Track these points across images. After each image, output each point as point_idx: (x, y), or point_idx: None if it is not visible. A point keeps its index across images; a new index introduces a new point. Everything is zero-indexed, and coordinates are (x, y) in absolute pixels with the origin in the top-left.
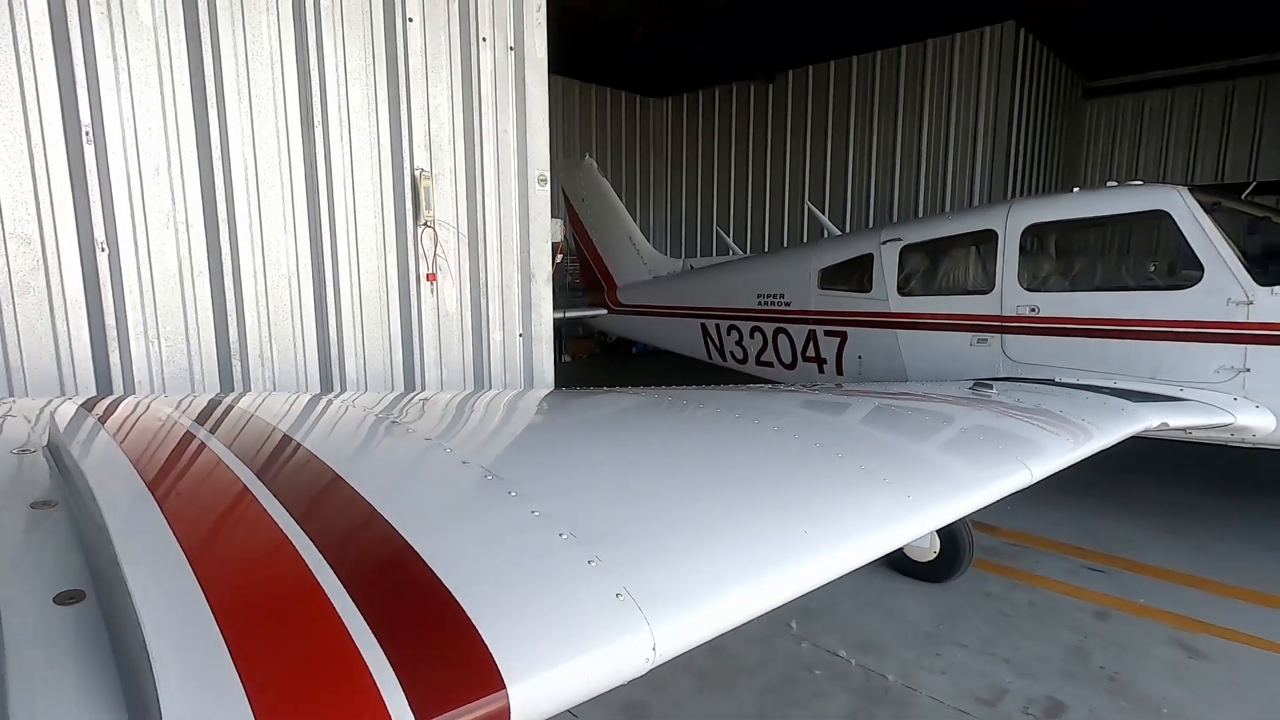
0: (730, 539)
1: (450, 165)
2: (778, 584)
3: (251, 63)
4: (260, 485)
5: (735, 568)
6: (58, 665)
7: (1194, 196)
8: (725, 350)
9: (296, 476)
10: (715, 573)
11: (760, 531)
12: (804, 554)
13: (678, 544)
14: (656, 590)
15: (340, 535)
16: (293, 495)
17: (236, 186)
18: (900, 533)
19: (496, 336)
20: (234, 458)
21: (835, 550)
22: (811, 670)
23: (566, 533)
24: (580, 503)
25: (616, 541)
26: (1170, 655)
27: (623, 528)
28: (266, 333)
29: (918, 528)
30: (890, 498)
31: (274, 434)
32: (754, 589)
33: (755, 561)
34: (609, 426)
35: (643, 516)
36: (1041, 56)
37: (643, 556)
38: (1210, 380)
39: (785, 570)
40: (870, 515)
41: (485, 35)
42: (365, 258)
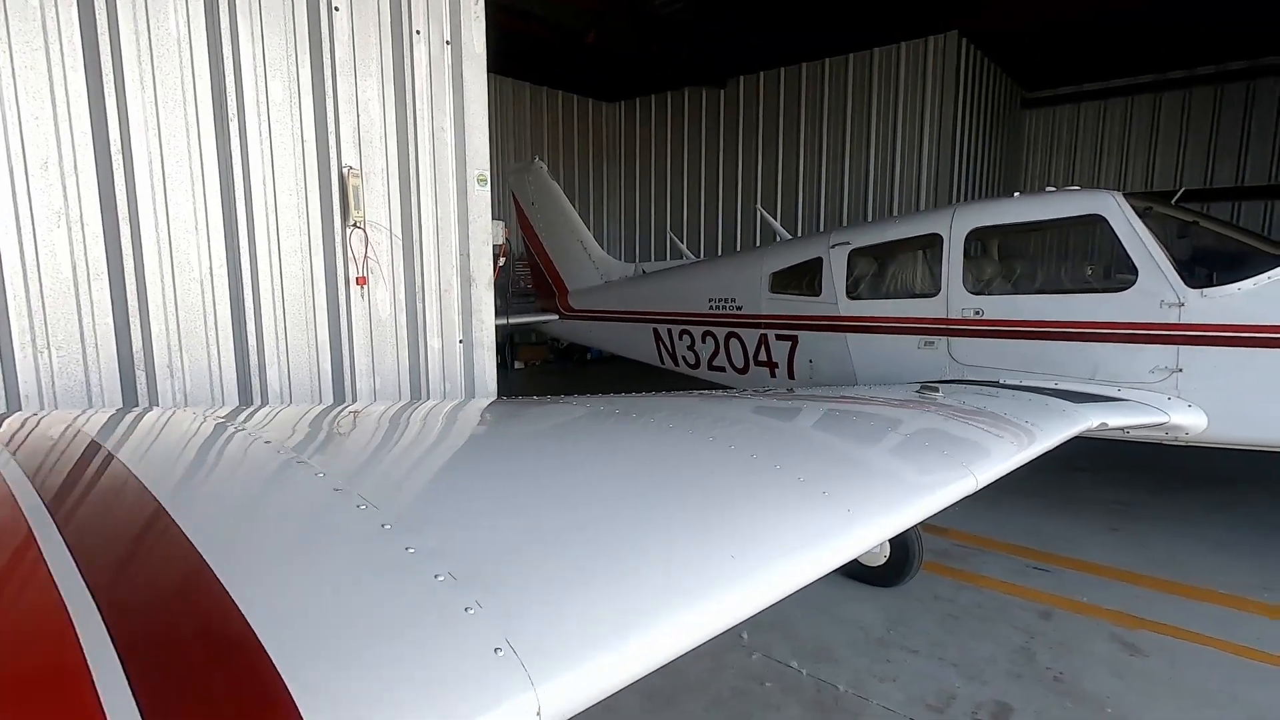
0: (643, 573)
1: (382, 163)
2: (696, 621)
3: (156, 49)
4: (48, 522)
5: (645, 607)
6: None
7: (1128, 201)
8: (677, 355)
9: (99, 511)
10: (620, 615)
11: (679, 561)
12: (729, 583)
13: (577, 583)
14: (546, 642)
15: (138, 590)
16: (85, 537)
17: (140, 183)
18: (840, 551)
19: (435, 343)
20: (28, 486)
21: (765, 576)
22: (762, 683)
23: (445, 573)
24: (467, 536)
25: (504, 583)
26: (1111, 652)
27: (514, 565)
28: (175, 341)
29: (858, 545)
30: (829, 512)
31: (87, 456)
32: (666, 630)
33: (670, 598)
34: (521, 444)
35: (540, 551)
36: (983, 67)
37: (533, 600)
38: (1146, 380)
39: (705, 604)
40: (807, 533)
41: (419, 28)
42: (289, 260)
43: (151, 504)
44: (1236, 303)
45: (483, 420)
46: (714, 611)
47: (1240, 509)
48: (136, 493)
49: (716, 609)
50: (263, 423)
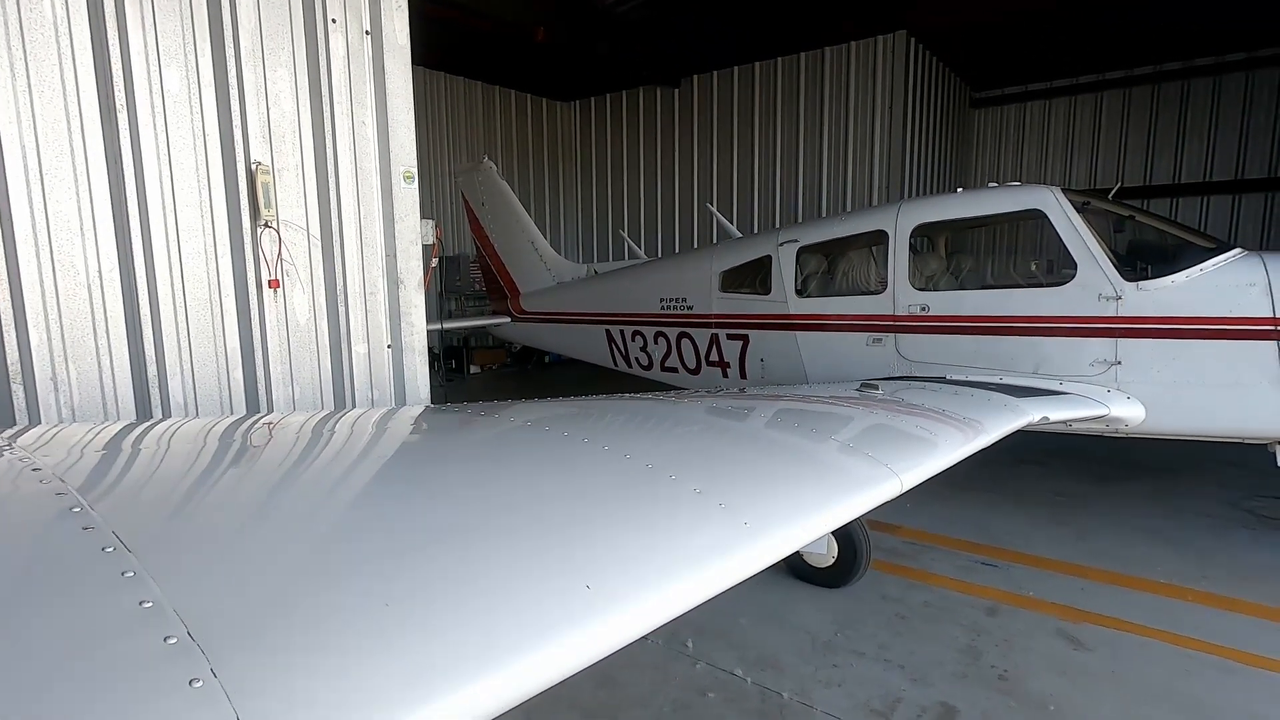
0: (458, 617)
1: (296, 159)
2: (519, 675)
3: (28, 34)
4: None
5: (446, 664)
6: None
7: (1066, 196)
8: (630, 356)
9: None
10: (407, 682)
11: (513, 600)
12: (574, 622)
13: (355, 641)
14: (316, 704)
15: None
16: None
17: (11, 178)
18: (730, 572)
19: (360, 349)
20: None
21: (626, 607)
22: (705, 694)
23: (180, 635)
24: (232, 585)
25: (255, 645)
26: (1055, 648)
27: (280, 619)
28: (59, 351)
29: (755, 562)
30: (723, 527)
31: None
32: (469, 693)
33: (484, 649)
34: (364, 464)
35: (321, 598)
36: (932, 67)
37: (289, 667)
38: (1086, 373)
39: (538, 650)
40: (690, 551)
41: (335, 16)
42: (191, 262)
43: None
44: (1171, 295)
45: (329, 437)
46: (552, 658)
47: (1177, 498)
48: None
49: (554, 654)
50: (38, 439)
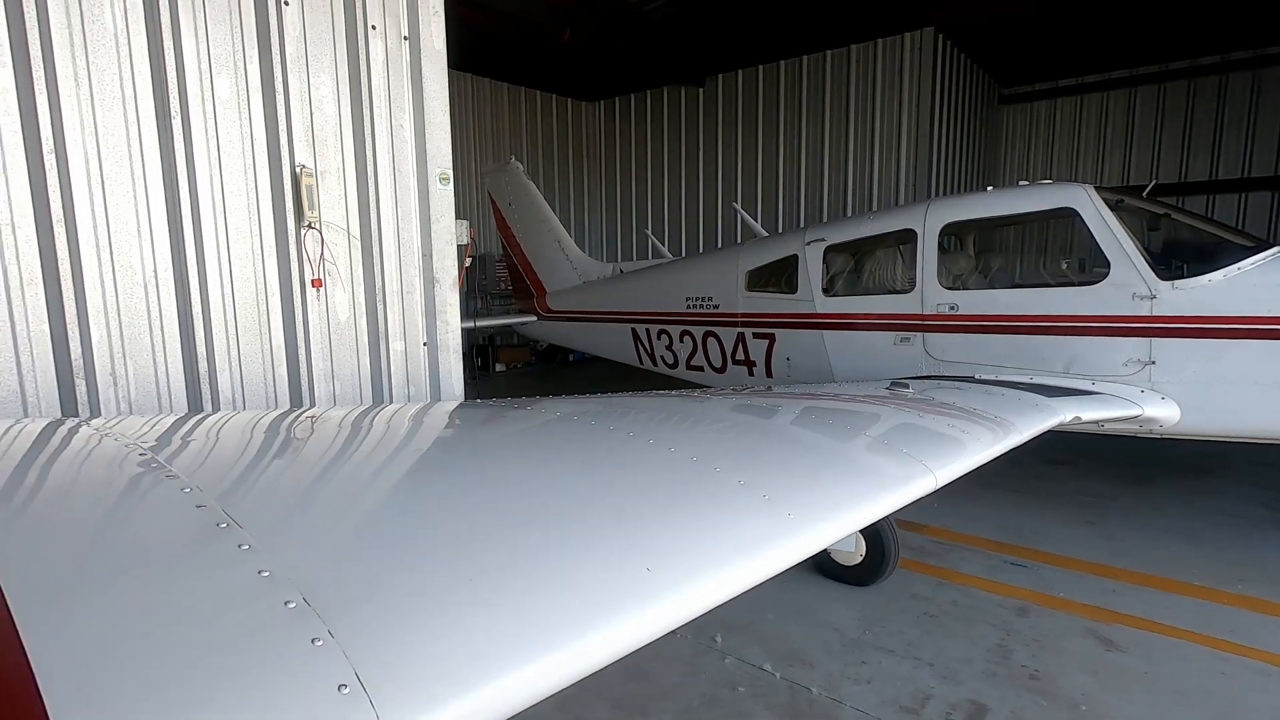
0: (537, 592)
1: (338, 162)
2: (592, 646)
3: (91, 45)
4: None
5: (531, 633)
6: None
7: (1099, 194)
8: (656, 355)
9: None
10: (500, 643)
11: (585, 578)
12: (638, 600)
13: (453, 607)
14: (403, 676)
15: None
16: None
17: (76, 184)
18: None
19: (397, 346)
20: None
21: (684, 589)
22: (735, 688)
23: (298, 600)
24: (338, 557)
25: (365, 609)
26: (1087, 649)
27: (384, 588)
28: (119, 348)
29: (798, 551)
30: (768, 518)
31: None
32: (553, 659)
33: (563, 620)
34: (434, 452)
35: (418, 570)
36: (960, 63)
37: (397, 628)
38: (1119, 373)
39: (606, 626)
40: (738, 540)
41: (375, 23)
42: (239, 263)
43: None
44: (1208, 294)
45: (397, 427)
46: (618, 634)
47: (1211, 500)
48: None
49: (623, 630)
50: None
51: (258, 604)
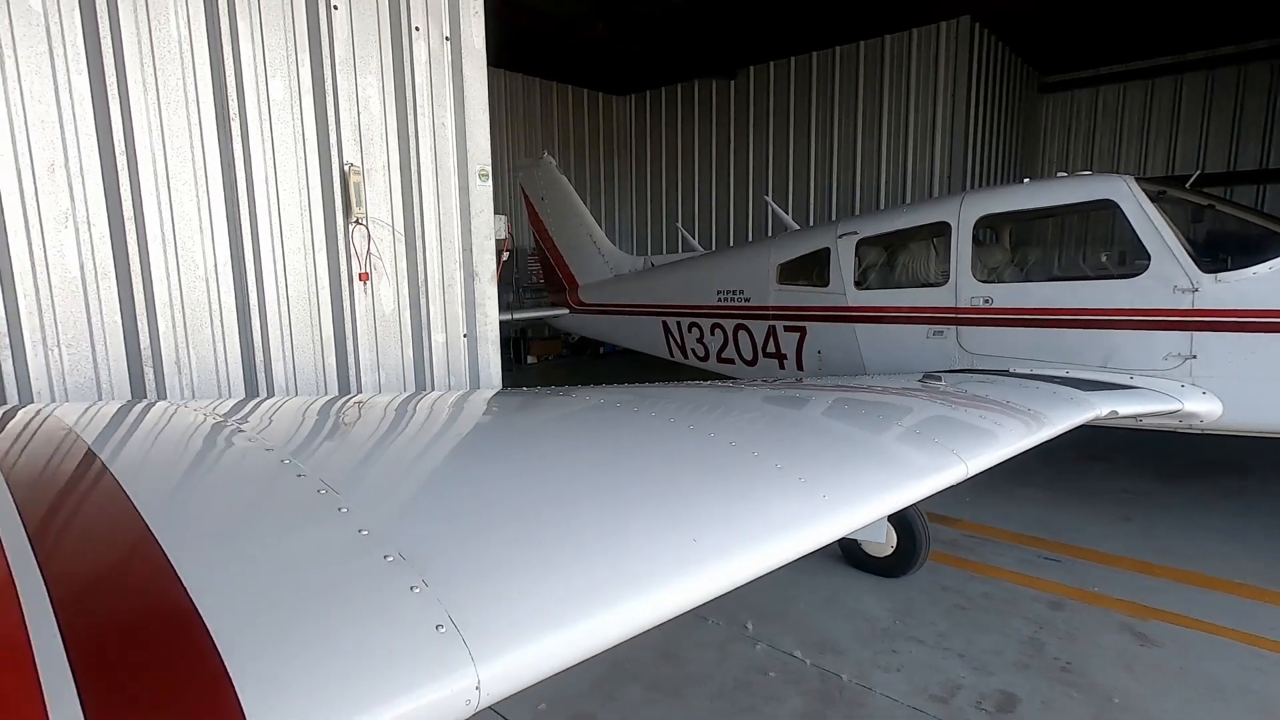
0: (597, 556)
1: (383, 160)
2: (655, 602)
3: (158, 51)
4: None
5: (595, 590)
6: None
7: (1139, 186)
8: (687, 348)
9: (58, 492)
10: (568, 597)
11: (635, 545)
12: (688, 567)
13: (526, 565)
14: (489, 620)
15: (87, 567)
16: (38, 512)
17: (144, 183)
18: (810, 536)
19: (439, 338)
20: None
21: (728, 560)
22: (766, 673)
23: (394, 554)
24: (422, 519)
25: (451, 563)
26: (1121, 643)
27: (464, 547)
28: (182, 338)
29: (833, 530)
30: (803, 498)
31: (52, 442)
32: (616, 614)
33: (621, 582)
34: (494, 433)
35: (493, 533)
36: (997, 51)
37: (480, 580)
38: (1159, 367)
39: (660, 588)
40: (776, 518)
41: (418, 24)
42: (291, 257)
43: (113, 488)
44: (1252, 287)
45: (455, 410)
46: (668, 596)
47: (1253, 498)
48: (97, 476)
49: (672, 593)
50: (239, 412)
51: (362, 558)
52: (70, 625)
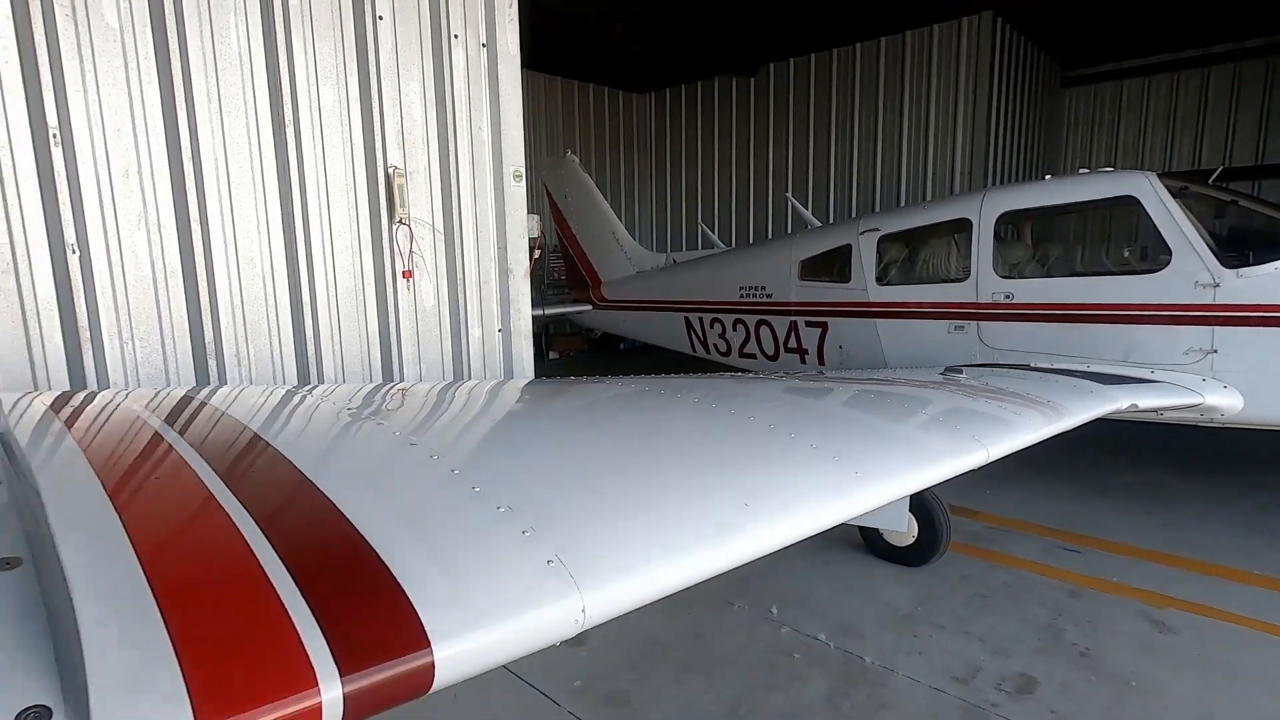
0: (667, 511)
1: (424, 163)
2: (717, 553)
3: (220, 64)
4: (201, 462)
5: (670, 538)
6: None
7: (1162, 182)
8: (709, 343)
9: (238, 455)
10: (648, 543)
11: (699, 505)
12: (744, 525)
13: (613, 516)
14: (588, 558)
15: (275, 506)
16: (232, 471)
17: (208, 187)
18: (846, 506)
19: (475, 332)
20: (181, 440)
21: (775, 522)
22: (791, 655)
23: (505, 506)
24: (521, 479)
25: (552, 513)
26: (1140, 630)
27: (560, 501)
28: (242, 332)
29: (864, 501)
30: (838, 473)
31: (224, 419)
32: (688, 558)
33: (691, 532)
34: (561, 410)
35: (581, 491)
36: (1019, 46)
37: (577, 527)
38: (1180, 362)
39: (722, 541)
40: (815, 488)
41: (457, 32)
42: (340, 256)
43: (271, 451)
44: (1274, 282)
45: (527, 391)
46: (729, 547)
47: (1276, 492)
48: (262, 446)
49: (731, 545)
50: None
51: (480, 508)
52: (281, 547)
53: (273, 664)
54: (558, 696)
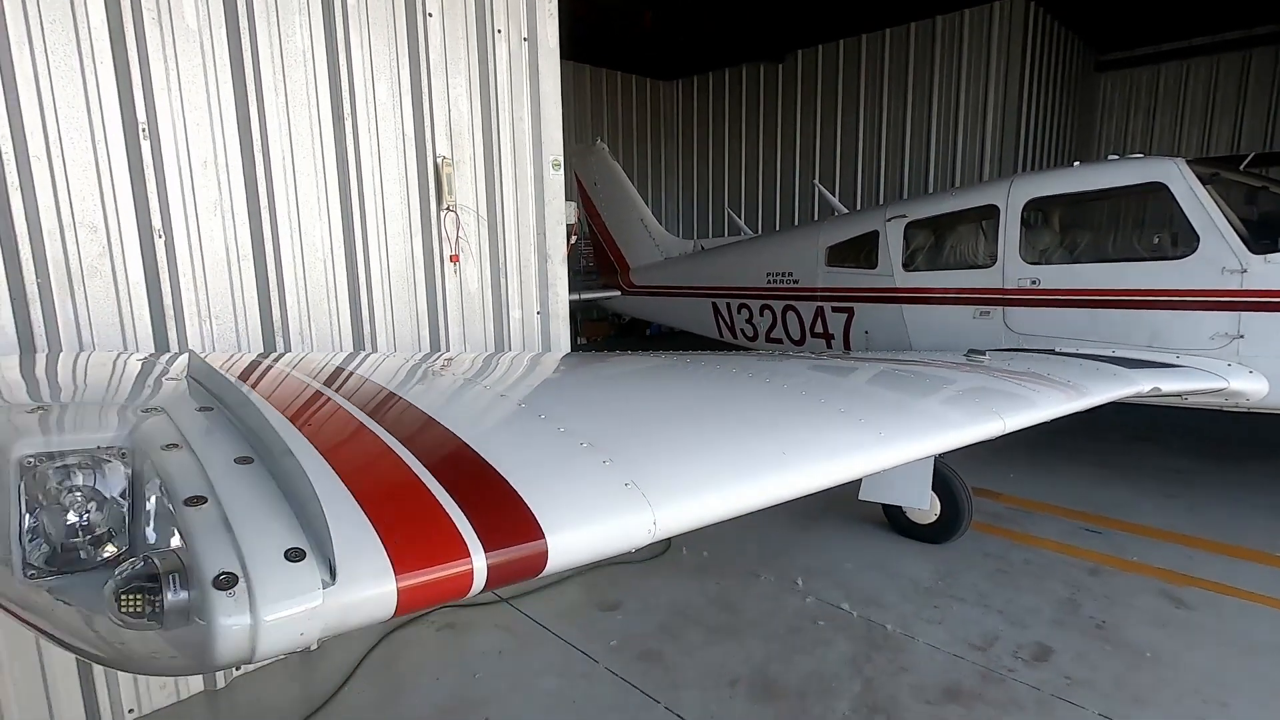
0: (718, 452)
1: (470, 152)
2: (758, 490)
3: (286, 61)
4: (354, 407)
5: (721, 474)
6: (247, 499)
7: (1191, 168)
8: (736, 328)
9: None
10: (704, 476)
11: (744, 449)
12: (781, 470)
13: (671, 455)
14: (656, 484)
15: (413, 433)
16: (376, 411)
17: (276, 176)
18: (868, 460)
19: (516, 314)
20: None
21: (808, 469)
22: (816, 622)
23: (586, 443)
24: (596, 423)
25: (625, 449)
26: (1157, 605)
27: (630, 440)
28: (305, 311)
29: (886, 458)
30: (862, 433)
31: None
32: (737, 491)
33: (738, 471)
34: (619, 373)
35: (643, 435)
36: (1052, 30)
37: (646, 460)
38: (1205, 347)
39: (764, 481)
40: (841, 444)
41: (500, 27)
42: (393, 241)
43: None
44: None
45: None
46: (770, 486)
47: None
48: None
49: (771, 485)
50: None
51: (567, 443)
52: (425, 461)
53: (438, 538)
54: (595, 654)
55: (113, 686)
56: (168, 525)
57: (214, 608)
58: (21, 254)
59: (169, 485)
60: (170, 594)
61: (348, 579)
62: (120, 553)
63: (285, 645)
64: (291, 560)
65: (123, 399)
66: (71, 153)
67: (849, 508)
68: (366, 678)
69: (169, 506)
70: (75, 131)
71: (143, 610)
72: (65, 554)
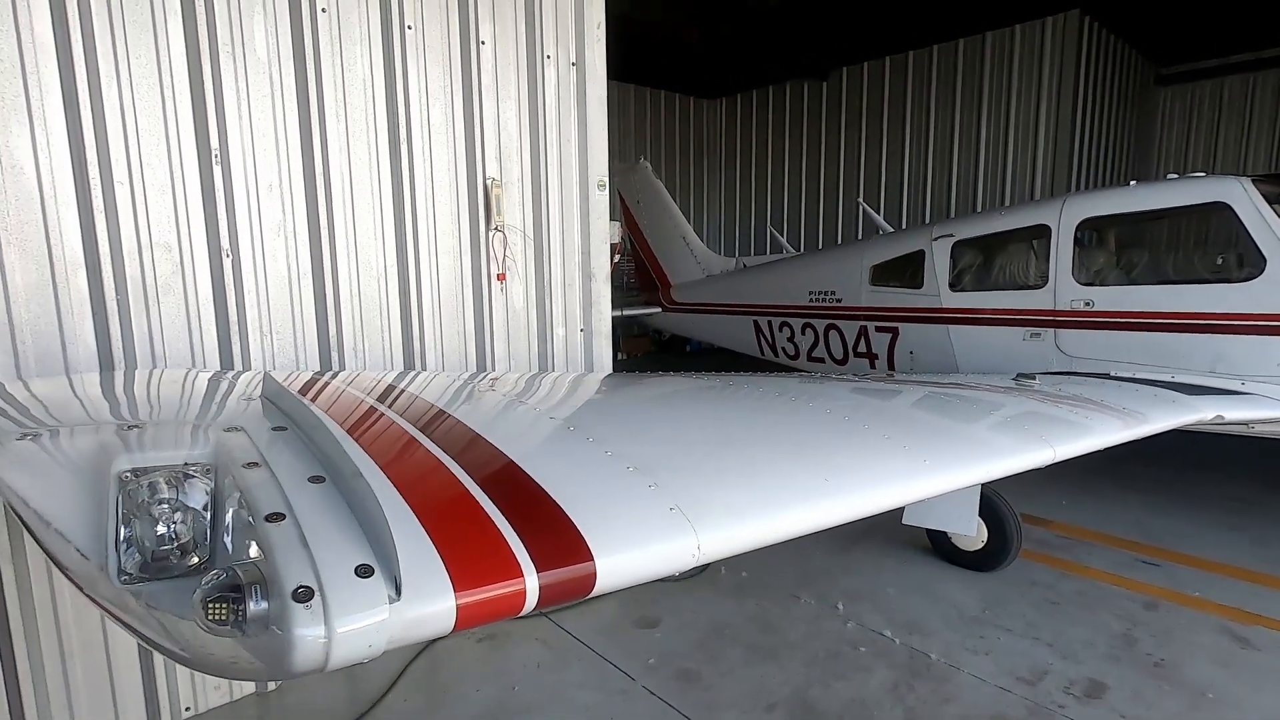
0: (761, 478)
1: (518, 174)
2: (800, 516)
3: (348, 89)
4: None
5: (764, 500)
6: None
7: (1256, 187)
8: (777, 346)
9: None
10: (747, 502)
11: (787, 475)
12: (823, 497)
13: (716, 480)
14: (701, 509)
15: (464, 450)
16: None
17: (335, 198)
18: (913, 489)
19: (560, 332)
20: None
21: (850, 497)
22: (857, 648)
23: (632, 466)
24: (641, 447)
25: (671, 473)
26: (1219, 644)
27: (676, 464)
28: (359, 328)
29: (930, 487)
30: (906, 460)
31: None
32: (779, 517)
33: (781, 497)
34: (664, 395)
35: (690, 457)
36: (1108, 44)
37: (690, 485)
38: (1273, 374)
39: (807, 507)
40: (885, 471)
41: (549, 53)
42: (444, 260)
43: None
44: None
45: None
46: (813, 512)
47: None
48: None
49: (814, 511)
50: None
51: (614, 467)
52: (478, 478)
53: (494, 558)
54: (633, 671)
55: (172, 685)
56: (244, 538)
57: (292, 619)
58: (104, 272)
59: (250, 501)
60: (252, 604)
61: (412, 595)
62: (202, 562)
63: (355, 656)
64: (361, 576)
65: (203, 417)
66: (150, 177)
67: (891, 531)
68: (409, 686)
69: (247, 520)
70: (155, 158)
71: (227, 618)
72: (156, 562)
